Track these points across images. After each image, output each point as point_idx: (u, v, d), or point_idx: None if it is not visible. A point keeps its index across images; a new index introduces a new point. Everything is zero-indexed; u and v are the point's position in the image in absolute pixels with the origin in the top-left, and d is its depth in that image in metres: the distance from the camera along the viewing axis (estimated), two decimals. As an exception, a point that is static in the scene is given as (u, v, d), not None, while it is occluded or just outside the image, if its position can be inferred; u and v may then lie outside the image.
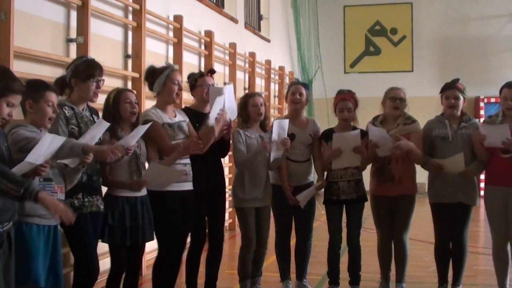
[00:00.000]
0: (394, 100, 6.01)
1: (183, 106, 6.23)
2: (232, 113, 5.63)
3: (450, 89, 5.96)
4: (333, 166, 6.02)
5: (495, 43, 16.23)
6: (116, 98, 4.96)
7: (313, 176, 6.35)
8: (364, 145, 5.93)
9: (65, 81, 4.68)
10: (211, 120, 5.27)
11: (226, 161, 6.15)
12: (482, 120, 14.36)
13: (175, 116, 5.40)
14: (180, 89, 5.36)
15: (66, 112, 4.53)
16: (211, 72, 5.93)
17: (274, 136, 5.73)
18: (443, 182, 5.94)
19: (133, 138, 4.69)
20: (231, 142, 5.92)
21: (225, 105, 5.43)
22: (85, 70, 4.64)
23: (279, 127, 5.77)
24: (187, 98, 6.98)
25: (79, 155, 4.17)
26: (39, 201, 3.64)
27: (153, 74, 5.38)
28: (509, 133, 5.52)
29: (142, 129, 4.76)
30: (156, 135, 5.13)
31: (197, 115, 5.67)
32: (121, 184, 4.90)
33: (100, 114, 5.03)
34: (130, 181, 4.91)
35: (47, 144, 3.77)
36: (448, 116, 6.00)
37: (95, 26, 6.51)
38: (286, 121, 5.89)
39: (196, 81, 5.81)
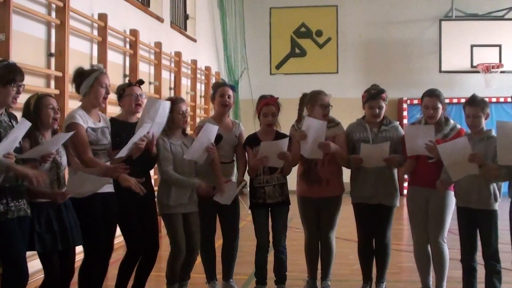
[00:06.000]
0: (325, 107, 6.06)
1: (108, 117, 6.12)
2: (159, 129, 5.55)
3: (375, 100, 6.04)
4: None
5: (418, 46, 16.62)
6: (38, 104, 4.77)
7: (235, 177, 6.37)
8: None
9: None
10: (125, 149, 5.19)
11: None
12: (405, 122, 14.76)
13: (100, 121, 5.31)
14: (108, 92, 5.27)
15: None
16: (140, 82, 5.82)
17: (203, 140, 5.72)
18: (363, 184, 6.05)
19: (54, 145, 4.60)
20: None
21: (155, 119, 5.40)
22: (6, 74, 4.43)
23: (208, 132, 5.78)
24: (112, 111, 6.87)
25: (1, 172, 4.15)
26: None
27: (81, 76, 5.26)
28: (433, 135, 5.66)
29: (64, 136, 4.68)
30: (79, 143, 5.01)
31: (124, 126, 5.54)
32: (42, 195, 4.73)
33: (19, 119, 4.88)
34: (50, 190, 4.77)
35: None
36: (368, 120, 6.11)
37: (17, 23, 6.35)
38: (215, 127, 5.87)
39: (124, 91, 5.68)
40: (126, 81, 6.36)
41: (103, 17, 8.44)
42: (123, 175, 5.09)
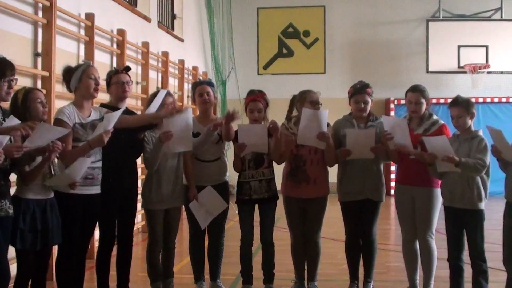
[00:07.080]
0: (315, 104, 6.05)
1: (97, 105, 6.13)
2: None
3: (360, 94, 6.07)
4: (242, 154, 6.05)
5: (405, 46, 16.67)
6: (26, 98, 4.81)
7: (228, 176, 6.34)
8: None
9: None
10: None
11: (139, 162, 6.06)
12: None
13: (90, 115, 5.30)
14: (97, 83, 5.29)
15: None
16: (126, 69, 5.88)
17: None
18: (351, 180, 6.08)
19: (44, 139, 4.58)
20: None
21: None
22: None
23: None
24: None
25: None
26: None
27: (69, 72, 5.30)
28: (407, 129, 5.74)
29: (55, 131, 4.67)
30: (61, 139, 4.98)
31: (114, 111, 5.59)
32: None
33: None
34: (42, 183, 4.81)
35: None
36: (355, 116, 6.13)
37: (3, 22, 6.33)
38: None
39: (111, 78, 5.78)
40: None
41: (90, 16, 8.40)
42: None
